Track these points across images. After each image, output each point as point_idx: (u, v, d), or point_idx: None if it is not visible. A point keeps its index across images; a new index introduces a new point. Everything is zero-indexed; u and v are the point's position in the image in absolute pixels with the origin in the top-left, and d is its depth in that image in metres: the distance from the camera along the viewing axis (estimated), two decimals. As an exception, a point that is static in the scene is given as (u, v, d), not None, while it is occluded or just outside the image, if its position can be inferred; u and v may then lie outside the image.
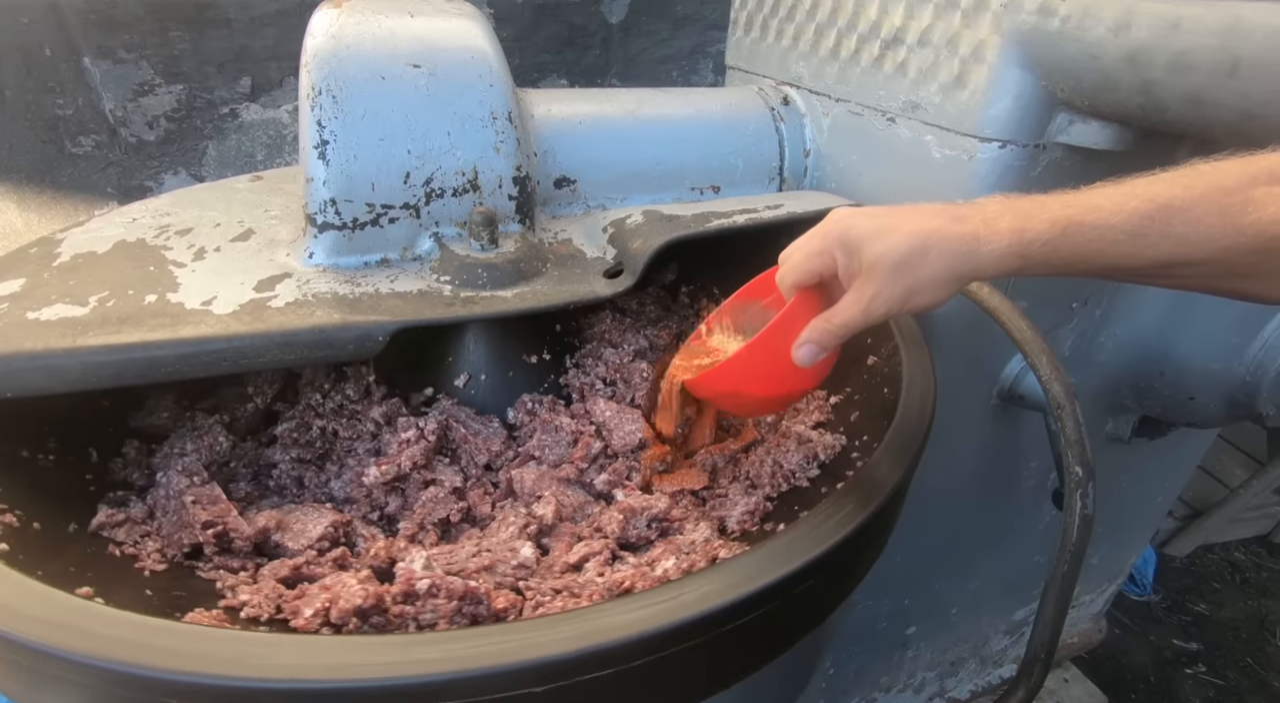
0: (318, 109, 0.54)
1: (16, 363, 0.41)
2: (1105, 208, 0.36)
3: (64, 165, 1.06)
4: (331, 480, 0.54)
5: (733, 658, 0.40)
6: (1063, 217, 0.37)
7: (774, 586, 0.37)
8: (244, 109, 1.13)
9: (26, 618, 0.32)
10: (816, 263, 0.43)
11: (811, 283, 0.44)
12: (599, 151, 0.71)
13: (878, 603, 0.96)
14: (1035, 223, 0.38)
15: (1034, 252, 0.38)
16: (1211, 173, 0.35)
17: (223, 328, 0.46)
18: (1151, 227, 0.35)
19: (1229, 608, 1.61)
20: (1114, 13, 0.50)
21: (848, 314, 0.42)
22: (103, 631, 0.32)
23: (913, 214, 0.40)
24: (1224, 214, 0.34)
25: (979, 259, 0.38)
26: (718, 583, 0.36)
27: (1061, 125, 0.61)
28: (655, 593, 0.36)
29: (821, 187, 0.80)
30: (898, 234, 0.39)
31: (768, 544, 0.39)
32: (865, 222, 0.41)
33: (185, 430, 0.53)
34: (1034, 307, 0.70)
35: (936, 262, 0.39)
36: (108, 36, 0.99)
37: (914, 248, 0.39)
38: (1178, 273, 0.37)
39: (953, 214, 0.40)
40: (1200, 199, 0.34)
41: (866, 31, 0.70)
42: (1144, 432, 0.95)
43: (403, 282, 0.56)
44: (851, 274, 0.42)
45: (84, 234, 0.57)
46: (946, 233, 0.39)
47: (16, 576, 0.34)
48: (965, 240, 0.38)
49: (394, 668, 0.31)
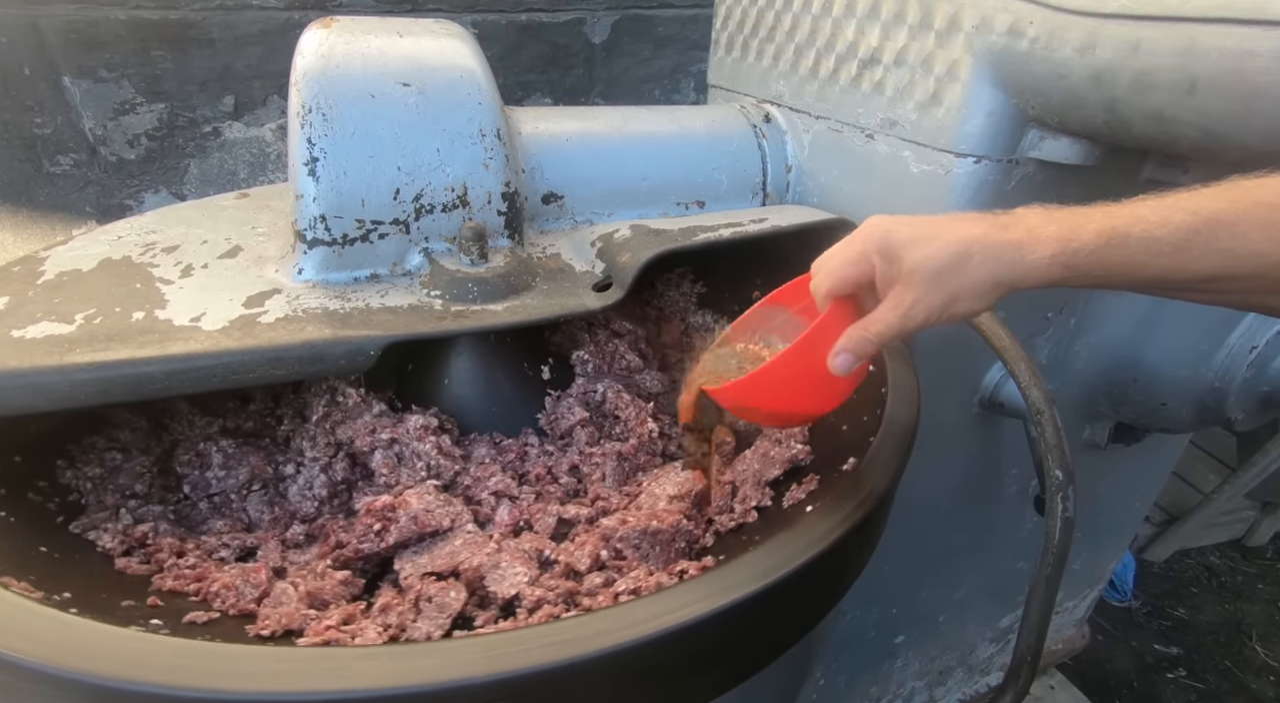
0: (308, 127, 0.54)
1: (2, 381, 0.40)
2: (1151, 220, 0.36)
3: (41, 184, 1.05)
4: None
5: (716, 670, 0.40)
6: (1108, 227, 0.37)
7: (752, 597, 0.37)
8: (227, 127, 1.12)
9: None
10: (853, 270, 0.42)
11: (848, 291, 0.43)
12: (586, 168, 0.72)
13: (866, 612, 0.97)
14: (1081, 233, 0.37)
15: (1079, 261, 0.37)
16: (1255, 188, 0.35)
17: (213, 344, 0.46)
18: (1197, 240, 0.35)
19: (1207, 612, 1.64)
20: (1079, 35, 0.52)
21: (885, 322, 0.41)
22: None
23: (954, 222, 0.39)
24: (1270, 229, 0.34)
25: (1024, 267, 0.38)
26: (685, 598, 0.36)
27: (1033, 141, 0.63)
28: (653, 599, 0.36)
29: (804, 201, 0.82)
30: (939, 241, 0.38)
31: (746, 556, 0.39)
32: (905, 229, 0.40)
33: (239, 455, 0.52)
34: (1011, 316, 0.72)
35: (979, 268, 0.38)
36: (88, 56, 0.99)
37: (957, 254, 0.38)
38: (1221, 287, 0.36)
39: (996, 222, 0.39)
40: (1245, 214, 0.34)
41: (844, 52, 0.73)
42: (1120, 438, 0.97)
43: (393, 296, 0.56)
44: (890, 281, 0.41)
45: (68, 252, 0.56)
46: (991, 240, 0.38)
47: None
48: (1010, 248, 0.38)
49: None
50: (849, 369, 0.42)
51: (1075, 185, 0.66)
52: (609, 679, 0.35)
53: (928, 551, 0.96)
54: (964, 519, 0.96)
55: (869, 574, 0.51)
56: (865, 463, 0.47)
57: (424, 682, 0.31)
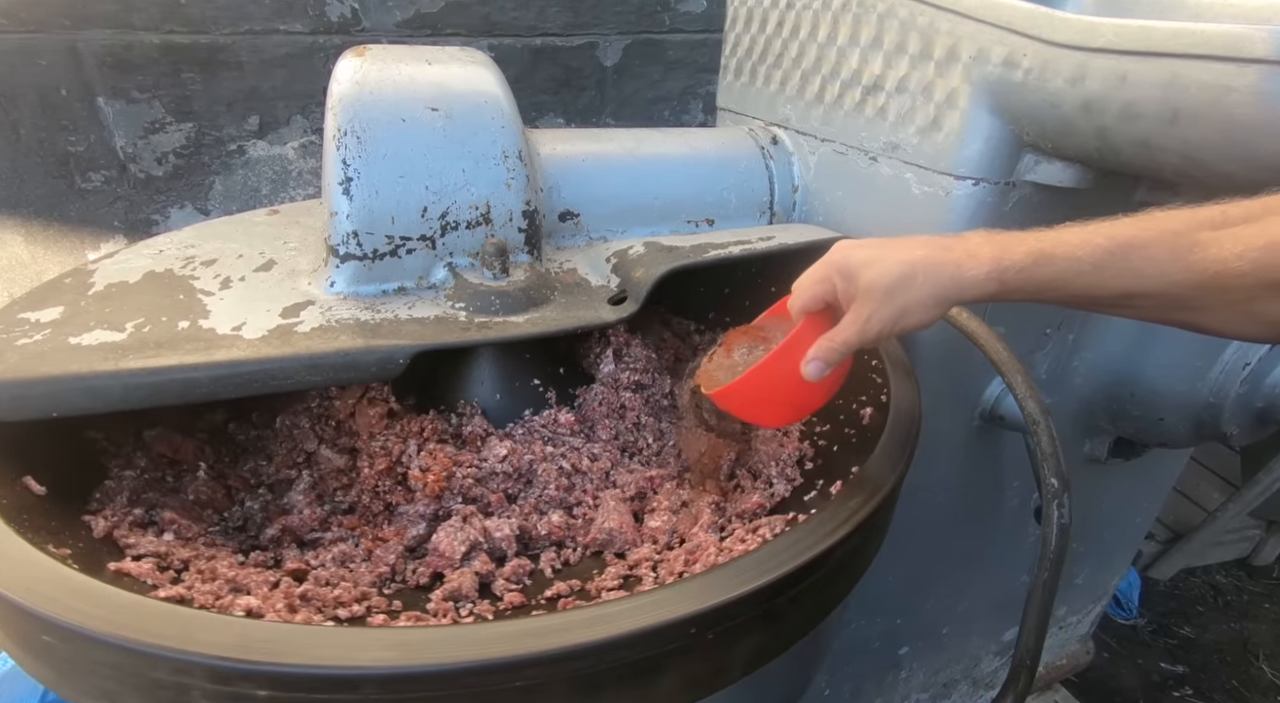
0: (343, 148, 0.58)
1: (64, 384, 0.43)
2: (1072, 242, 0.41)
3: (73, 200, 1.09)
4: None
5: (726, 660, 0.42)
6: (1036, 249, 0.42)
7: (759, 591, 0.39)
8: (251, 146, 1.17)
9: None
10: (820, 289, 0.48)
11: (817, 307, 0.49)
12: (601, 187, 0.75)
13: (870, 622, 0.98)
14: (1012, 253, 0.42)
15: (1010, 278, 0.42)
16: (1165, 218, 0.40)
17: (254, 351, 0.49)
18: (1112, 261, 0.40)
19: (1213, 631, 1.64)
20: (1070, 67, 0.55)
21: (847, 333, 0.46)
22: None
23: (903, 245, 0.45)
24: (1174, 252, 0.38)
25: (962, 283, 0.43)
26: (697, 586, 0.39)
27: (1029, 165, 0.66)
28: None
29: (810, 219, 0.85)
30: (888, 262, 0.44)
31: (752, 554, 0.42)
32: (860, 252, 0.46)
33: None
34: (1010, 332, 0.75)
35: (923, 285, 0.43)
36: (123, 78, 1.04)
37: (903, 274, 0.44)
38: (1135, 303, 0.41)
39: (939, 244, 0.45)
40: (1154, 239, 0.39)
41: (848, 78, 0.76)
42: (1119, 452, 0.99)
43: (420, 308, 0.59)
44: (850, 298, 0.46)
45: (114, 265, 0.60)
46: (932, 260, 0.44)
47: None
48: (949, 266, 0.43)
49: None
50: (820, 375, 0.48)
51: (1070, 207, 0.69)
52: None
53: (930, 561, 0.97)
54: (966, 531, 0.98)
55: (873, 583, 0.53)
56: (870, 462, 0.50)
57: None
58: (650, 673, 0.38)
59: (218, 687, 0.33)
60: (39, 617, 0.34)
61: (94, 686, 0.35)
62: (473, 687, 0.34)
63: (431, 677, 0.33)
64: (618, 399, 0.65)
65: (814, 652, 0.61)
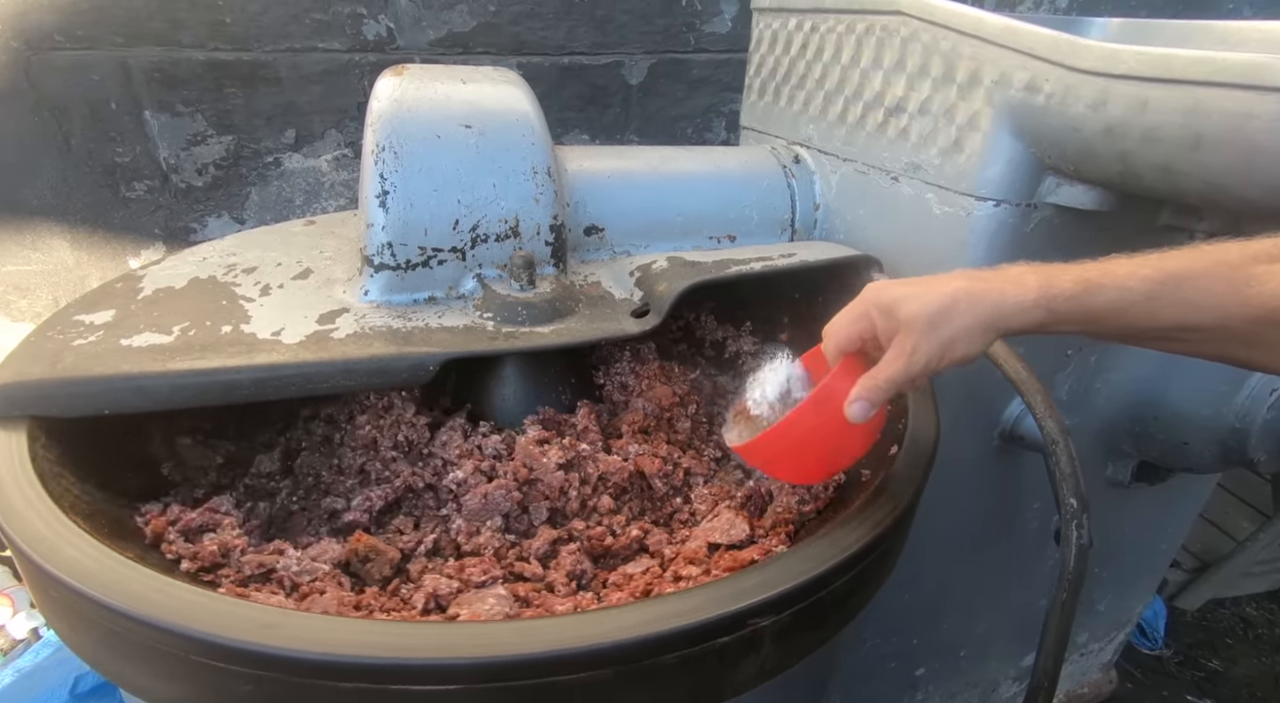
0: (380, 163, 0.60)
1: (116, 383, 0.46)
2: (1120, 273, 0.41)
3: (117, 208, 1.13)
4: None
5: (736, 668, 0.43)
6: (1083, 278, 0.41)
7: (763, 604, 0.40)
8: (287, 158, 1.21)
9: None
10: (857, 327, 0.47)
11: (855, 346, 0.48)
12: (625, 203, 0.77)
13: (886, 641, 0.98)
14: (1059, 281, 0.41)
15: (1059, 306, 0.41)
16: (1216, 250, 0.39)
17: (293, 356, 0.51)
18: (1164, 291, 0.39)
19: (1243, 664, 1.59)
20: (1091, 92, 0.56)
21: (892, 368, 0.44)
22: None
23: (941, 279, 0.45)
24: (1230, 284, 0.37)
25: (1007, 309, 0.42)
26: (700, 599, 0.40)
27: (1050, 187, 0.67)
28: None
29: (830, 237, 0.86)
30: (929, 294, 0.43)
31: (766, 565, 0.43)
32: (898, 288, 0.45)
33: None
34: (1031, 352, 0.74)
35: (967, 313, 0.42)
36: (169, 92, 1.08)
37: (945, 304, 0.43)
38: (1188, 337, 0.40)
39: (977, 276, 0.44)
40: (1206, 271, 0.38)
41: (871, 100, 0.77)
42: (1143, 476, 0.98)
43: (450, 317, 0.61)
44: (890, 333, 0.45)
45: (161, 272, 0.63)
46: (974, 290, 0.43)
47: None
48: (993, 294, 0.42)
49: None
50: (866, 416, 0.46)
51: (1093, 229, 0.70)
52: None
53: (948, 581, 0.96)
54: (985, 552, 0.97)
55: (890, 602, 0.53)
56: (887, 479, 0.50)
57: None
58: (652, 676, 0.38)
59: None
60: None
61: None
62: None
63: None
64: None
65: (829, 663, 0.61)
